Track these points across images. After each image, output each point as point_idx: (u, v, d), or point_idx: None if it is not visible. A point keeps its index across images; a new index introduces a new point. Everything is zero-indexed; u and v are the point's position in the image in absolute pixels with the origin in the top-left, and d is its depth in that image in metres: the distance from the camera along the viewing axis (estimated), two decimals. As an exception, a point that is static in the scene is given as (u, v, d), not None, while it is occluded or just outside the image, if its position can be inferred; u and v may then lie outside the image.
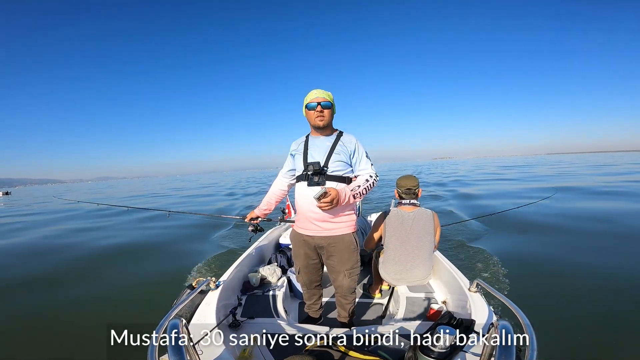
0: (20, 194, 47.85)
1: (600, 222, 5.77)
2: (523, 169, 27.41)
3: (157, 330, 0.91)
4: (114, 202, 5.44)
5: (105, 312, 3.15)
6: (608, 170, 20.35)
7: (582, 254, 4.12)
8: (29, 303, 3.43)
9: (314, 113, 1.59)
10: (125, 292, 3.67)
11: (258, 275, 2.26)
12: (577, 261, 3.87)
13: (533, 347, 0.78)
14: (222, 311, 1.61)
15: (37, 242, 6.84)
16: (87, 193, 33.30)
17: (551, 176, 17.39)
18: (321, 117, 1.60)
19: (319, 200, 1.36)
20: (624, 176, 15.05)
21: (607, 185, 11.52)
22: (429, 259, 2.12)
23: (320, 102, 1.58)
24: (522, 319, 0.94)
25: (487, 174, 21.92)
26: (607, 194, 9.33)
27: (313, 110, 1.59)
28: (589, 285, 3.18)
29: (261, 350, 1.44)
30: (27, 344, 2.63)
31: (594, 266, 3.67)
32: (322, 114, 1.60)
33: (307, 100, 1.61)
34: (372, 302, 2.40)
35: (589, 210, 6.82)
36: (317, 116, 1.59)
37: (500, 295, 1.23)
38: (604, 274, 3.43)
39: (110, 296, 3.57)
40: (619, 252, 4.11)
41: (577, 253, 4.19)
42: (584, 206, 7.44)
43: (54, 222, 9.64)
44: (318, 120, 1.60)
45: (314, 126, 1.65)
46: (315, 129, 1.66)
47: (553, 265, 3.80)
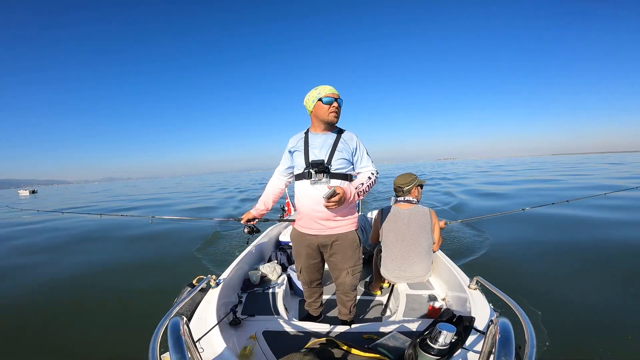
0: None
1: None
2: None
3: (157, 328, 0.91)
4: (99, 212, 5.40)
5: (104, 312, 3.17)
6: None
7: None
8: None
9: (329, 108, 1.54)
10: (123, 293, 3.68)
11: (258, 273, 2.27)
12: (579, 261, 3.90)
13: (532, 344, 0.79)
14: (222, 309, 1.61)
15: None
16: (85, 194, 32.96)
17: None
18: (336, 113, 1.57)
19: (328, 199, 1.34)
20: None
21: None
22: (427, 256, 2.13)
23: (337, 98, 1.55)
24: (522, 316, 0.94)
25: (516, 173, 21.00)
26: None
27: (329, 105, 1.54)
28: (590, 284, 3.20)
29: (262, 348, 1.45)
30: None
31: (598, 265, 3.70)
32: (337, 111, 1.57)
33: (323, 94, 1.54)
34: (372, 299, 2.41)
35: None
36: (333, 111, 1.55)
37: (500, 292, 1.23)
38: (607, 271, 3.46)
39: (109, 297, 3.59)
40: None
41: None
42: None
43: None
44: (332, 116, 1.56)
45: (325, 121, 1.58)
46: (324, 124, 1.60)
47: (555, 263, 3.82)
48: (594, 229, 5.21)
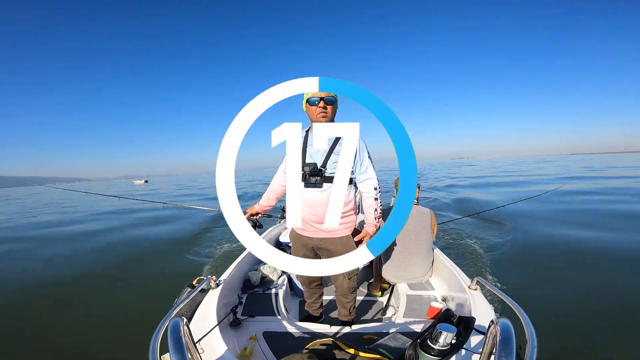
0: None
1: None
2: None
3: (158, 329, 0.91)
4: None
5: (102, 312, 3.16)
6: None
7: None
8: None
9: (316, 109, 1.44)
10: (123, 292, 3.68)
11: (258, 274, 2.27)
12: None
13: (533, 345, 0.79)
14: (222, 310, 1.61)
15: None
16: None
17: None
18: (324, 114, 1.44)
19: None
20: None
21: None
22: (427, 256, 2.12)
23: (323, 98, 1.42)
24: (522, 316, 0.94)
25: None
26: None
27: (315, 106, 1.43)
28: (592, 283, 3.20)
29: (262, 349, 1.45)
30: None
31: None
32: (325, 111, 1.44)
33: (309, 94, 1.44)
34: (373, 300, 2.41)
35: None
36: (320, 113, 1.44)
37: (500, 292, 1.23)
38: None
39: (108, 293, 3.59)
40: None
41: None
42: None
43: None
44: (320, 117, 1.45)
45: (316, 123, 1.50)
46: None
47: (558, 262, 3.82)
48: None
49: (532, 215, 6.44)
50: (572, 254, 4.11)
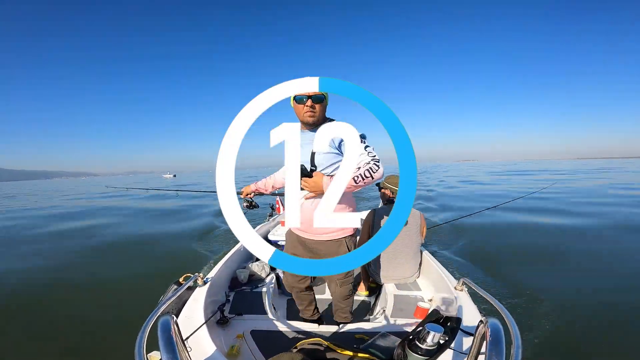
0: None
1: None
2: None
3: (144, 326, 0.89)
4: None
5: (93, 306, 3.06)
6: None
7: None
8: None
9: (303, 108, 1.37)
10: (116, 284, 3.61)
11: (247, 272, 2.24)
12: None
13: (518, 345, 0.81)
14: (210, 308, 1.59)
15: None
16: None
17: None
18: (311, 113, 1.37)
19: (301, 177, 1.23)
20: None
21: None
22: (414, 257, 2.15)
23: (311, 96, 1.34)
24: (507, 317, 0.96)
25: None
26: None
27: (302, 104, 1.36)
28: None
29: (250, 347, 1.43)
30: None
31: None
32: (312, 110, 1.37)
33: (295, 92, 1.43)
34: (360, 299, 2.42)
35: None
36: (307, 112, 1.37)
37: (485, 293, 1.26)
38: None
39: (98, 288, 3.50)
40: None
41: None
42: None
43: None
44: (308, 117, 1.38)
45: (302, 122, 1.43)
46: (304, 124, 1.44)
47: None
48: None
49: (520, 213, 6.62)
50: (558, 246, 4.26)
